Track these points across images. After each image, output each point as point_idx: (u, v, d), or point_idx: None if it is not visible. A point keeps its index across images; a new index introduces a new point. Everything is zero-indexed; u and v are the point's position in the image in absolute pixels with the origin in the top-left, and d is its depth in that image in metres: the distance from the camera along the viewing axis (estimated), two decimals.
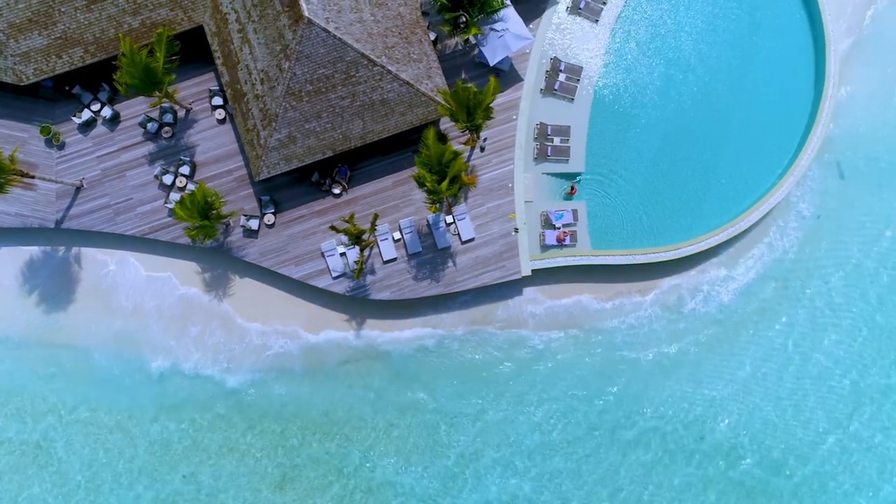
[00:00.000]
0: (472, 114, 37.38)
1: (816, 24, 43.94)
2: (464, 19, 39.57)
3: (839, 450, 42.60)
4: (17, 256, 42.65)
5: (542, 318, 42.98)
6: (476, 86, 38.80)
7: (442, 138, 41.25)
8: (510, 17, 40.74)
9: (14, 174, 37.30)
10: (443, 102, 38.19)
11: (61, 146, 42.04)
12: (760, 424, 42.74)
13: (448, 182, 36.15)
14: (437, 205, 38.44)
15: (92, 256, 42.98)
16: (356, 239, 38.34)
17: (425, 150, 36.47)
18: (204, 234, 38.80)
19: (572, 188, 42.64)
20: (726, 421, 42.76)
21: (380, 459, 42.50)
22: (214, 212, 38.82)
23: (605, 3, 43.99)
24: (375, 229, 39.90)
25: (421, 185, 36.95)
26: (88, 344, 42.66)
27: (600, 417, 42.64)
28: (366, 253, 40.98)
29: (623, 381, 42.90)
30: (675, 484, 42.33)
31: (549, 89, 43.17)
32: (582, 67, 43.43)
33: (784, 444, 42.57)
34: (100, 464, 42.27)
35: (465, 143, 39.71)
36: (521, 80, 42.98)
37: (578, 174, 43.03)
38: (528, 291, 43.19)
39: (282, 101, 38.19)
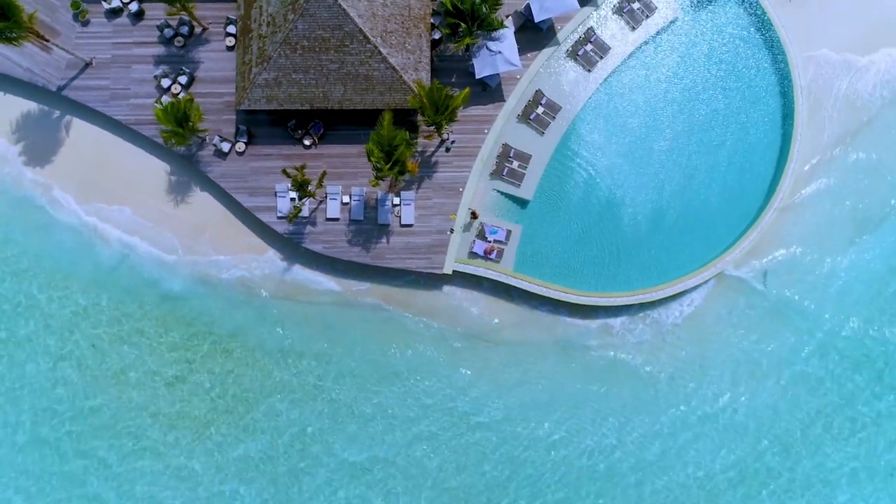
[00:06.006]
0: (439, 112, 40.63)
1: (786, 141, 46.42)
2: (461, 28, 42.74)
3: None
4: (14, 105, 46.78)
5: (449, 315, 45.95)
6: (456, 90, 41.94)
7: (413, 128, 44.55)
8: (507, 39, 43.87)
9: (30, 32, 41.44)
10: (416, 92, 41.46)
11: (85, 23, 46.16)
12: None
13: (391, 164, 39.43)
14: (380, 182, 41.73)
15: (81, 128, 46.95)
16: (299, 187, 41.76)
17: (380, 129, 39.79)
18: (175, 140, 42.63)
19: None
20: None
21: (271, 390, 45.72)
22: (190, 124, 42.59)
23: (602, 57, 46.74)
24: (322, 185, 43.32)
25: (369, 158, 40.26)
26: (53, 203, 46.56)
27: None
28: (305, 202, 44.22)
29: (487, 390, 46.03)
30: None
31: (525, 117, 46.15)
32: (561, 107, 46.29)
33: None
34: (21, 313, 46.11)
35: (426, 138, 42.88)
36: (504, 100, 46.07)
37: (525, 201, 45.97)
38: (447, 289, 46.21)
39: (278, 47, 41.82)
